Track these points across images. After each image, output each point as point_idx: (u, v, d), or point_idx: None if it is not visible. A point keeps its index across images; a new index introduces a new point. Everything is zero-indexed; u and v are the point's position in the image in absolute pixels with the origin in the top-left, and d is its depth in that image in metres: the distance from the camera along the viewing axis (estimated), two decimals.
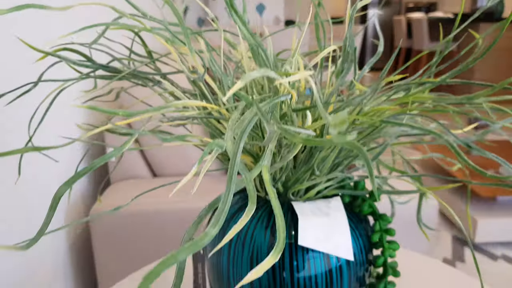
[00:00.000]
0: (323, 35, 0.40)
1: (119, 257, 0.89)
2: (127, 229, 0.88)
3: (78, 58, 0.79)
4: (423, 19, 4.45)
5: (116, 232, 0.88)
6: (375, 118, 0.27)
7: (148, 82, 0.39)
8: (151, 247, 0.89)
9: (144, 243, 0.89)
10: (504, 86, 0.30)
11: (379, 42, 0.40)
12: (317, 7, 0.39)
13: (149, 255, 0.90)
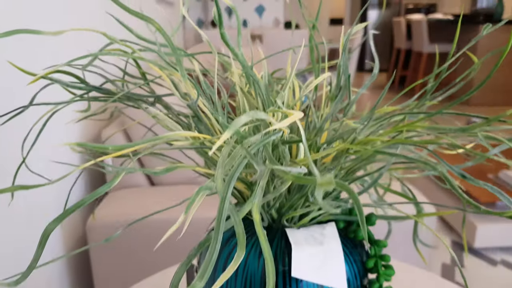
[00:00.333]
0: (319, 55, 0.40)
1: (117, 267, 0.89)
2: (125, 239, 0.88)
3: (71, 80, 0.79)
4: (423, 20, 4.45)
5: (114, 242, 0.88)
6: (368, 148, 0.27)
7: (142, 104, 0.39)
8: (149, 257, 0.89)
9: (142, 253, 0.89)
10: (499, 119, 0.29)
11: (375, 60, 0.40)
12: (311, 30, 0.39)
13: (147, 265, 0.90)
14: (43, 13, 0.80)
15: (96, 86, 0.38)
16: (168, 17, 2.25)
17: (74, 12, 0.95)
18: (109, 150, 0.24)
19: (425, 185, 1.99)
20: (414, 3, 6.65)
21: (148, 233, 0.87)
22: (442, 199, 1.83)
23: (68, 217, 0.91)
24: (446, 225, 1.81)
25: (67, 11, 0.91)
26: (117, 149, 0.25)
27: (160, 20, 1.98)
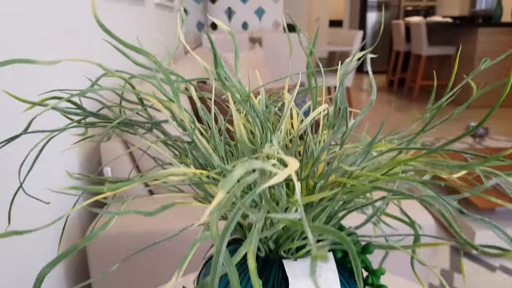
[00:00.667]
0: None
1: (116, 278, 0.89)
2: (125, 250, 0.87)
3: (68, 105, 0.78)
4: (422, 23, 4.45)
5: (113, 253, 0.87)
6: (366, 184, 0.27)
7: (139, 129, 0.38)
8: (149, 269, 0.89)
9: (142, 265, 0.89)
10: (498, 159, 0.29)
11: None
12: (309, 56, 0.39)
13: (147, 277, 0.89)
14: (40, 38, 0.80)
15: (93, 112, 0.38)
16: (169, 22, 2.25)
17: (71, 36, 0.94)
18: (104, 192, 0.24)
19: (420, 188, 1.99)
20: (413, 6, 6.65)
21: (146, 244, 0.87)
22: (436, 200, 1.83)
23: (67, 227, 0.91)
24: (445, 230, 1.81)
25: (65, 35, 0.91)
26: (112, 189, 0.25)
27: (159, 26, 1.98)
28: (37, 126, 0.74)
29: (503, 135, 3.29)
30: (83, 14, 1.03)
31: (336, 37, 4.29)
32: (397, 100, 4.78)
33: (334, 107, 0.32)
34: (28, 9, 0.76)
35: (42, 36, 0.81)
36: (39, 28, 0.80)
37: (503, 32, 4.14)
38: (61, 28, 0.90)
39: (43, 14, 0.81)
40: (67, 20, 0.93)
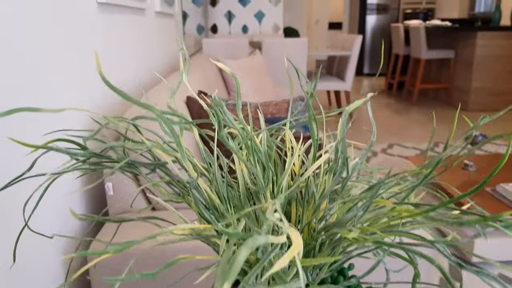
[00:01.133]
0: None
1: None
2: (127, 266, 0.88)
3: (70, 146, 0.79)
4: (421, 27, 4.45)
5: (116, 269, 0.88)
6: (368, 238, 0.27)
7: (142, 170, 0.39)
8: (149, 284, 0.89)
9: (145, 282, 0.89)
10: (497, 219, 0.30)
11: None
12: (309, 98, 0.39)
13: None
14: (41, 78, 0.80)
15: (97, 153, 0.38)
16: (170, 28, 2.25)
17: (74, 74, 0.95)
18: (109, 253, 0.24)
19: (423, 197, 2.00)
20: (412, 8, 6.66)
21: (145, 260, 0.87)
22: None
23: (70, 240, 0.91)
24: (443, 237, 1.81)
25: (68, 74, 0.92)
26: (117, 250, 0.25)
27: (161, 33, 1.98)
28: (41, 164, 0.74)
29: (502, 139, 3.30)
30: (87, 54, 1.04)
31: (336, 41, 4.29)
32: (397, 103, 4.79)
33: (335, 155, 0.33)
34: (28, 49, 0.76)
35: (43, 76, 0.81)
36: (39, 68, 0.80)
37: (502, 36, 4.15)
38: (64, 67, 0.90)
39: (43, 55, 0.82)
40: (70, 58, 0.94)
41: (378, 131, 3.62)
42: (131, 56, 1.46)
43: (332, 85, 3.71)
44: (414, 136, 3.44)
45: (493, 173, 0.30)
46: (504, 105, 4.37)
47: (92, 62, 1.09)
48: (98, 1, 1.11)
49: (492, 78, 4.27)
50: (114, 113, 1.27)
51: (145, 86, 1.68)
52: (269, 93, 2.51)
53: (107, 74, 1.21)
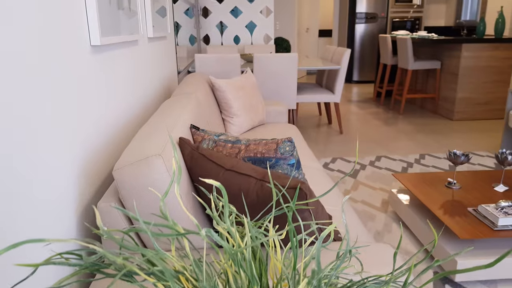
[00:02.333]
0: None
1: None
2: None
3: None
4: (408, 39, 4.55)
5: None
6: None
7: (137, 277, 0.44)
8: None
9: None
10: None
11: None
12: (288, 213, 0.45)
13: None
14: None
15: (94, 263, 0.43)
16: (164, 50, 2.30)
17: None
18: None
19: (405, 212, 2.07)
20: (400, 17, 6.79)
21: None
22: (422, 227, 1.91)
23: None
24: (429, 256, 1.89)
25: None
26: None
27: (156, 57, 2.03)
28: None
29: (486, 150, 3.41)
30: (81, 96, 1.08)
31: (326, 52, 4.37)
32: (385, 113, 4.88)
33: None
34: (17, 100, 0.81)
35: (34, 125, 0.85)
36: (31, 118, 0.84)
37: (486, 48, 4.27)
38: (57, 112, 0.94)
39: (35, 104, 0.86)
40: (63, 102, 0.98)
41: (366, 143, 3.70)
42: (126, 87, 1.51)
43: (322, 97, 3.78)
44: (401, 148, 3.52)
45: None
46: (488, 115, 4.49)
47: (87, 103, 1.14)
48: (92, 44, 1.15)
49: (476, 88, 4.39)
50: (108, 152, 1.31)
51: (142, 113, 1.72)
52: (260, 111, 2.56)
53: (102, 114, 1.25)
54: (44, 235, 0.84)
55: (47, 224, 0.86)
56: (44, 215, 0.84)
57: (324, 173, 1.90)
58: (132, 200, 0.95)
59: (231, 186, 0.96)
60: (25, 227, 0.76)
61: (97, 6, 1.13)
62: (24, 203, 0.76)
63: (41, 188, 0.83)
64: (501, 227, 1.70)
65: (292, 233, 0.41)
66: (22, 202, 0.75)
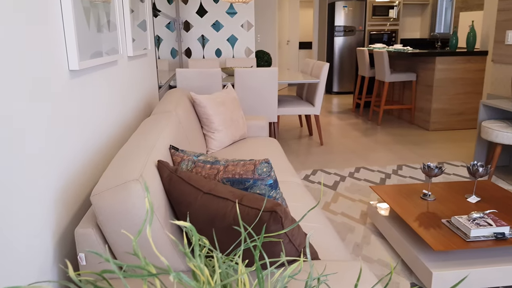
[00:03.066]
0: None
1: None
2: None
3: None
4: (384, 52, 4.69)
5: None
6: None
7: None
8: None
9: None
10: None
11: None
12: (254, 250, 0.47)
13: None
14: None
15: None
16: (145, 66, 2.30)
17: None
18: None
19: (383, 224, 2.12)
20: (377, 30, 6.98)
21: None
22: (399, 239, 1.96)
23: None
24: (406, 267, 1.94)
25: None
26: None
27: (137, 74, 2.04)
28: None
29: (460, 160, 3.52)
30: (60, 120, 1.09)
31: (305, 66, 4.46)
32: (363, 124, 4.99)
33: None
34: None
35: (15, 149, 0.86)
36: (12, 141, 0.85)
37: (458, 61, 4.44)
38: (36, 137, 0.95)
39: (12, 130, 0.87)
40: (41, 127, 0.99)
41: (346, 154, 3.77)
42: (105, 108, 1.52)
43: (302, 110, 3.84)
44: (380, 158, 3.61)
45: None
46: (462, 125, 4.64)
47: (64, 127, 1.14)
48: (70, 69, 1.16)
49: (450, 99, 4.54)
50: (87, 175, 1.32)
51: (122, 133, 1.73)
52: (241, 126, 2.59)
53: (80, 137, 1.26)
54: (21, 262, 0.84)
55: (23, 250, 0.86)
56: (19, 242, 0.84)
57: (304, 188, 1.94)
58: (110, 225, 0.96)
59: (209, 209, 0.98)
60: (0, 252, 0.76)
61: (75, 31, 1.14)
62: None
63: (17, 215, 0.84)
64: (473, 238, 1.77)
65: (259, 271, 0.44)
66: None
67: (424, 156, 3.67)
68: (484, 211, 1.93)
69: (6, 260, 0.78)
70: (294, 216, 1.57)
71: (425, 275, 1.75)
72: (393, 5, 6.88)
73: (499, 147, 2.95)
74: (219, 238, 0.96)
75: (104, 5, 1.51)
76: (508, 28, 3.35)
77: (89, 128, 1.32)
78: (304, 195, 1.82)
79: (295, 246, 1.00)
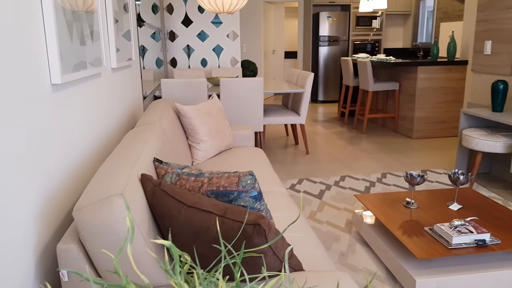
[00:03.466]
0: None
1: None
2: None
3: None
4: (367, 62, 4.77)
5: None
6: None
7: None
8: None
9: None
10: None
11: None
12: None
13: None
14: None
15: None
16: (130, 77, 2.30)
17: None
18: None
19: (368, 233, 2.15)
20: (361, 40, 7.11)
21: None
22: (383, 247, 1.99)
23: None
24: (390, 275, 1.96)
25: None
26: None
27: (121, 85, 2.03)
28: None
29: (443, 167, 3.59)
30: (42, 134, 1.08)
31: (291, 76, 4.50)
32: (348, 132, 5.05)
33: None
34: None
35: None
36: None
37: (440, 70, 4.55)
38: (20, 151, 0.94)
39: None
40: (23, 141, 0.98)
41: (331, 163, 3.80)
42: (89, 121, 1.51)
43: (288, 119, 3.87)
44: (365, 167, 3.65)
45: None
46: (444, 133, 4.74)
47: (46, 142, 1.14)
48: (52, 83, 1.16)
49: (432, 108, 4.64)
50: (69, 189, 1.30)
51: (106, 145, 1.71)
52: (227, 136, 2.60)
53: (63, 151, 1.25)
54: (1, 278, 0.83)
55: (1, 267, 0.84)
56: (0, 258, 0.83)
57: (289, 197, 1.95)
58: (93, 241, 0.95)
59: (192, 223, 0.98)
60: None
61: (57, 45, 1.14)
62: None
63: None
64: (455, 245, 1.80)
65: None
66: None
67: (408, 164, 3.73)
68: (465, 219, 1.97)
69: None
70: (279, 226, 1.58)
71: (409, 283, 1.77)
72: (376, 15, 7.03)
73: (479, 154, 3.02)
74: (203, 252, 0.97)
75: (88, 16, 1.51)
76: (486, 38, 3.46)
77: (72, 142, 1.31)
78: (289, 205, 1.83)
79: (279, 258, 1.01)
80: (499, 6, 3.31)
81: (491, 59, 3.41)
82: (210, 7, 3.33)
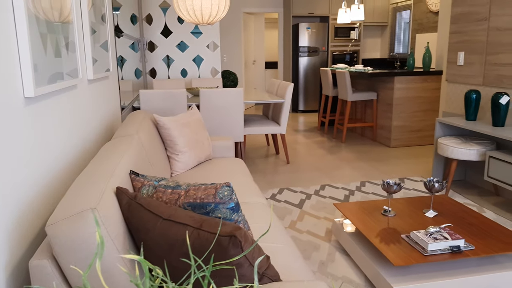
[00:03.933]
0: None
1: None
2: None
3: None
4: (346, 72, 4.87)
5: None
6: None
7: None
8: None
9: None
10: None
11: None
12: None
13: None
14: None
15: None
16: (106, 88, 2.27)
17: None
18: None
19: (347, 241, 2.17)
20: (340, 51, 7.25)
21: None
22: (362, 256, 2.01)
23: None
24: (369, 283, 1.98)
25: None
26: None
27: (98, 96, 2.01)
28: None
29: (419, 175, 3.68)
30: (15, 148, 1.06)
31: (271, 86, 4.54)
32: (328, 141, 5.12)
33: None
34: None
35: None
36: None
37: (416, 80, 4.68)
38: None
39: None
40: None
41: (311, 172, 3.84)
42: (63, 134, 1.49)
43: (268, 129, 3.90)
44: (344, 176, 3.70)
45: None
46: (421, 141, 4.86)
47: (18, 157, 1.11)
48: (25, 96, 1.14)
49: (409, 117, 4.76)
50: (43, 203, 1.28)
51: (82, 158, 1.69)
52: (206, 147, 2.60)
53: (36, 165, 1.22)
54: None
55: None
56: None
57: (268, 208, 1.96)
58: (66, 256, 0.93)
59: (168, 236, 0.98)
60: None
61: (31, 57, 1.12)
62: None
63: None
64: (431, 252, 1.84)
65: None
66: None
67: (386, 172, 3.80)
68: (440, 225, 2.02)
69: None
70: (257, 237, 1.58)
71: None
72: (354, 26, 7.19)
73: (454, 162, 3.11)
74: (178, 265, 0.96)
75: (63, 27, 1.50)
76: (459, 49, 3.59)
77: (46, 155, 1.29)
78: (268, 215, 1.84)
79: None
80: (471, 19, 3.44)
81: (464, 69, 3.54)
82: (189, 18, 3.35)
